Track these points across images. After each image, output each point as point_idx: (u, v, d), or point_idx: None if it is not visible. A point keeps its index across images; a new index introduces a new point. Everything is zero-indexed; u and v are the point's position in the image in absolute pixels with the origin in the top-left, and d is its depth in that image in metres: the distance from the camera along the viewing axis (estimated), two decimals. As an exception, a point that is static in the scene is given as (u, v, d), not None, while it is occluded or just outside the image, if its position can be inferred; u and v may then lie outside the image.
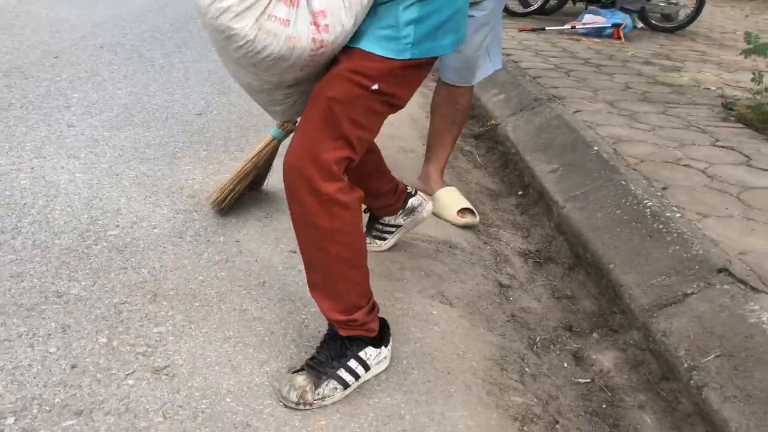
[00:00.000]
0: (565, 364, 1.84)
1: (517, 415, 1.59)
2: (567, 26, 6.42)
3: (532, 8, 7.40)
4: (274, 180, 2.46)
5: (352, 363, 1.54)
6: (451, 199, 2.59)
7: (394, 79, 1.42)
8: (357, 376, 1.55)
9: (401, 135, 3.54)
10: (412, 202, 2.17)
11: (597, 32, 6.31)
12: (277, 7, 1.31)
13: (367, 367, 1.57)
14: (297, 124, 1.51)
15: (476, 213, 2.58)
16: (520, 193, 2.96)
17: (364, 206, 2.14)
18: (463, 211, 2.56)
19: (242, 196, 2.36)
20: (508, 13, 7.18)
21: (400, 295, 2.01)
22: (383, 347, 1.61)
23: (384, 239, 2.24)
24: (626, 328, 1.93)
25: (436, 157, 2.70)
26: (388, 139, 3.43)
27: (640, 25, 7.20)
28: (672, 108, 3.74)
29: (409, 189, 2.19)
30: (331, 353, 1.55)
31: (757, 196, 2.55)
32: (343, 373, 1.52)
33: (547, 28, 6.44)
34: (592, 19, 6.40)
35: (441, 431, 1.49)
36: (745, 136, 3.31)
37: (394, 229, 2.22)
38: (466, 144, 3.59)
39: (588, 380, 1.78)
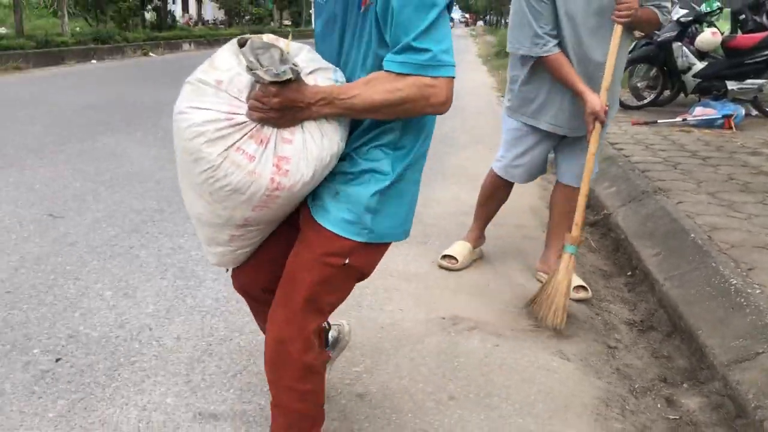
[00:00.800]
0: (659, 405, 2.38)
1: (618, 437, 2.16)
2: (678, 119, 6.90)
3: (646, 101, 7.93)
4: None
5: None
6: (568, 278, 3.21)
7: (361, 255, 1.60)
8: None
9: (524, 224, 4.21)
10: (331, 335, 2.29)
11: (708, 123, 6.73)
12: (247, 143, 1.41)
13: None
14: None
15: (589, 289, 3.17)
16: (629, 273, 3.51)
17: None
18: (577, 287, 3.15)
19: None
20: (623, 106, 7.72)
21: (529, 351, 2.64)
22: None
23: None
24: (710, 380, 2.45)
25: (555, 244, 3.33)
26: (513, 228, 4.11)
27: (755, 112, 7.53)
28: (771, 197, 4.18)
29: (324, 324, 1.99)
30: None
31: (836, 275, 2.99)
32: None
33: (659, 121, 6.94)
34: (702, 112, 6.84)
35: (560, 443, 2.10)
36: (838, 222, 3.71)
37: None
38: (583, 231, 4.19)
39: (677, 417, 2.31)
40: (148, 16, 21.00)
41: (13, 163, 5.33)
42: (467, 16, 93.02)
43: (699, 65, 7.50)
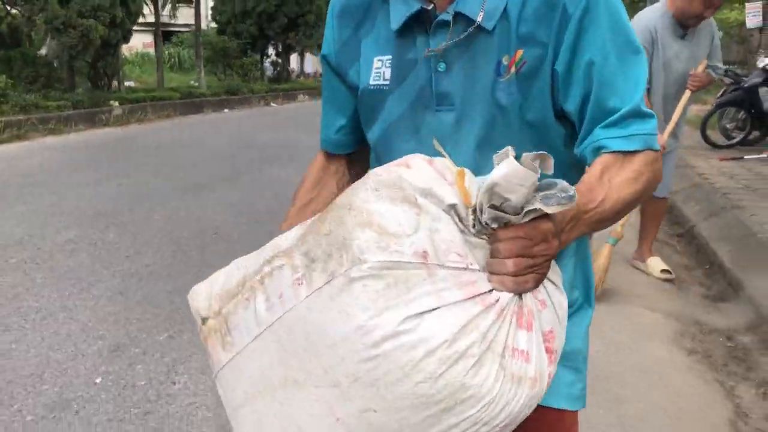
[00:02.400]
0: (720, 339, 3.33)
1: None
2: (763, 155, 7.68)
3: (734, 141, 8.73)
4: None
5: None
6: (656, 264, 4.20)
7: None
8: None
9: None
10: None
11: (791, 159, 7.50)
12: (516, 335, 0.86)
13: None
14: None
15: (672, 273, 4.15)
16: (707, 266, 4.45)
17: None
18: (664, 270, 4.14)
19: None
20: (712, 145, 8.56)
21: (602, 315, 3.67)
22: None
23: None
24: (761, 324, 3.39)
25: (646, 240, 4.34)
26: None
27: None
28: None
29: None
30: None
31: None
32: None
33: (745, 157, 7.75)
34: (786, 149, 7.61)
35: None
36: None
37: None
38: (671, 239, 5.15)
39: (732, 345, 3.26)
40: (268, 72, 23.13)
41: (206, 185, 6.79)
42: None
43: (784, 108, 8.25)
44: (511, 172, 0.78)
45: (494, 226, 0.85)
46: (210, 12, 22.65)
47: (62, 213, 5.54)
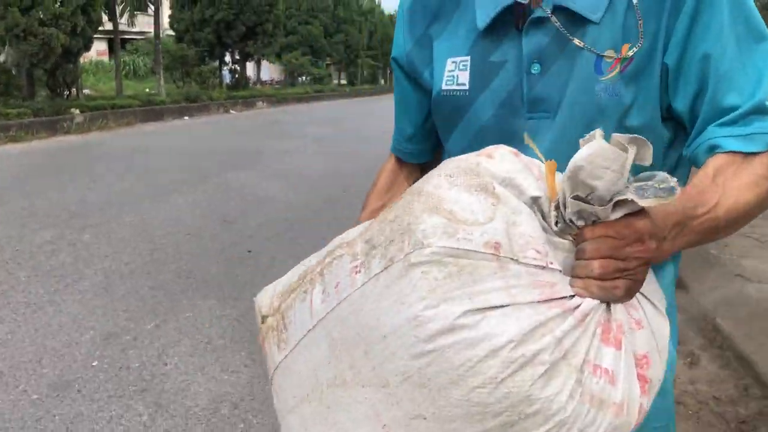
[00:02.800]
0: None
1: None
2: None
3: None
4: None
5: None
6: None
7: None
8: None
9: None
10: None
11: None
12: (599, 350, 0.71)
13: None
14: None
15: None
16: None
17: None
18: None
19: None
20: None
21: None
22: None
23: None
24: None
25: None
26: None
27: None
28: None
29: None
30: None
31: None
32: None
33: None
34: None
35: None
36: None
37: None
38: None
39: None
40: (226, 79, 23.24)
41: (174, 189, 7.01)
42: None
43: None
44: (597, 151, 0.67)
45: (580, 223, 0.72)
46: (167, 20, 22.65)
47: (36, 215, 5.70)
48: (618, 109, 0.90)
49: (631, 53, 0.89)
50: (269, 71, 41.57)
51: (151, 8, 19.20)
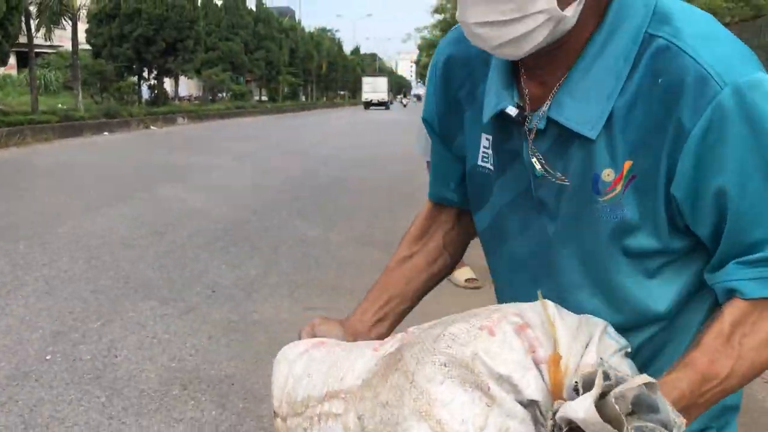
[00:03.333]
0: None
1: None
2: None
3: None
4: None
5: None
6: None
7: None
8: None
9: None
10: None
11: None
12: None
13: None
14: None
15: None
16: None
17: None
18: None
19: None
20: None
21: None
22: None
23: None
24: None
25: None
26: None
27: None
28: None
29: None
30: None
31: None
32: None
33: None
34: None
35: None
36: None
37: None
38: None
39: None
40: (145, 95, 23.10)
41: (104, 203, 7.17)
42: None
43: None
44: (590, 419, 0.64)
45: None
46: (84, 35, 22.34)
47: (-34, 229, 5.80)
48: (622, 230, 0.84)
49: (631, 172, 0.82)
50: (187, 87, 41.19)
51: (65, 23, 18.96)
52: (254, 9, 36.70)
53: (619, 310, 0.88)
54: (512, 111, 0.88)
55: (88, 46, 22.54)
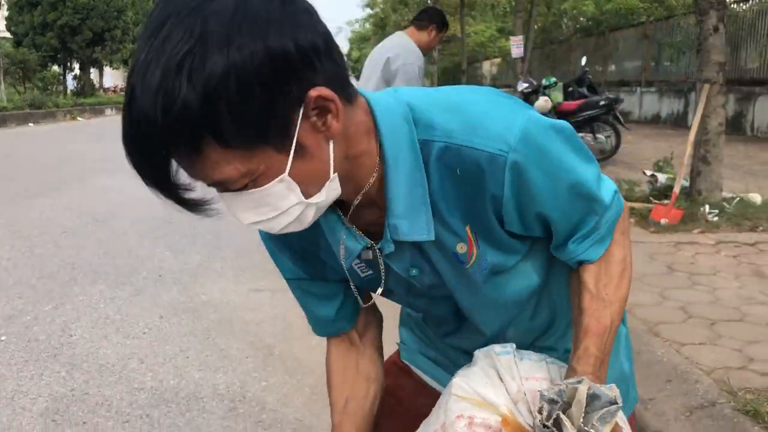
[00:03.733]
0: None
1: None
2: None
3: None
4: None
5: None
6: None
7: None
8: None
9: None
10: None
11: None
12: None
13: None
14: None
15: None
16: None
17: None
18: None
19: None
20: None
21: None
22: None
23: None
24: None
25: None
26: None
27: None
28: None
29: None
30: None
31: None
32: None
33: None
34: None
35: None
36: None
37: None
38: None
39: None
40: (71, 86, 22.48)
41: (38, 193, 7.13)
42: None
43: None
44: None
45: None
46: (4, 23, 21.57)
47: None
48: (494, 271, 1.01)
49: (474, 232, 0.96)
50: (113, 78, 40.11)
51: (-13, 10, 18.33)
52: (182, -1, 35.97)
53: (531, 312, 1.11)
54: (368, 254, 1.01)
55: (8, 35, 21.77)
